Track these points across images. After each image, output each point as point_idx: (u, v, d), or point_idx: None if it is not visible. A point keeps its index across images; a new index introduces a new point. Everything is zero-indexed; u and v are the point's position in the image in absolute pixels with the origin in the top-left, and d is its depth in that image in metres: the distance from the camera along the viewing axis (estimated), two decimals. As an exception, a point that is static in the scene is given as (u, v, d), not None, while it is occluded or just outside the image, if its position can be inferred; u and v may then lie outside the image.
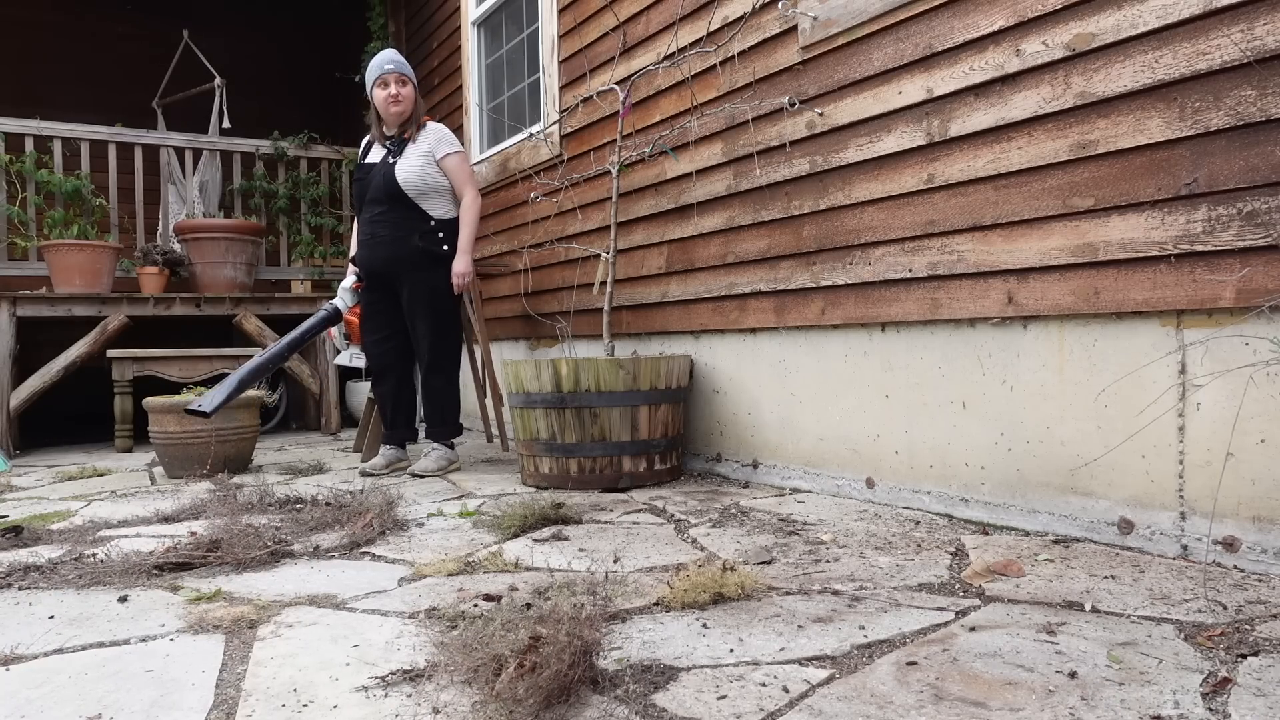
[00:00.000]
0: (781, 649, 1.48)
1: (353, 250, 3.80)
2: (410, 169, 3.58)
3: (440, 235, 3.61)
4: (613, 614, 1.67)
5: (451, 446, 3.74)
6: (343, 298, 3.77)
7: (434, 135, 3.65)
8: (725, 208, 3.32)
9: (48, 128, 5.40)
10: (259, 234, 5.72)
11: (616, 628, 1.60)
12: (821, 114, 2.88)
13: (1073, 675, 1.33)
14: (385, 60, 3.64)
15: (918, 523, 2.44)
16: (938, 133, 2.50)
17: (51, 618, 1.77)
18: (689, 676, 1.37)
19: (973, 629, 1.55)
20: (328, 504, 2.76)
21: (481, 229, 5.36)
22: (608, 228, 3.75)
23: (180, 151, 6.03)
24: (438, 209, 3.63)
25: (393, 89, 3.59)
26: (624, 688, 1.32)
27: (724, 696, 1.29)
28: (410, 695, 1.32)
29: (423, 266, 3.60)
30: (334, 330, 3.90)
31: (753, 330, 3.24)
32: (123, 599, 1.88)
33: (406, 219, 3.59)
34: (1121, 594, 1.72)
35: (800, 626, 1.59)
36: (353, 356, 3.92)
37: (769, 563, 2.05)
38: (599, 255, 3.70)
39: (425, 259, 3.59)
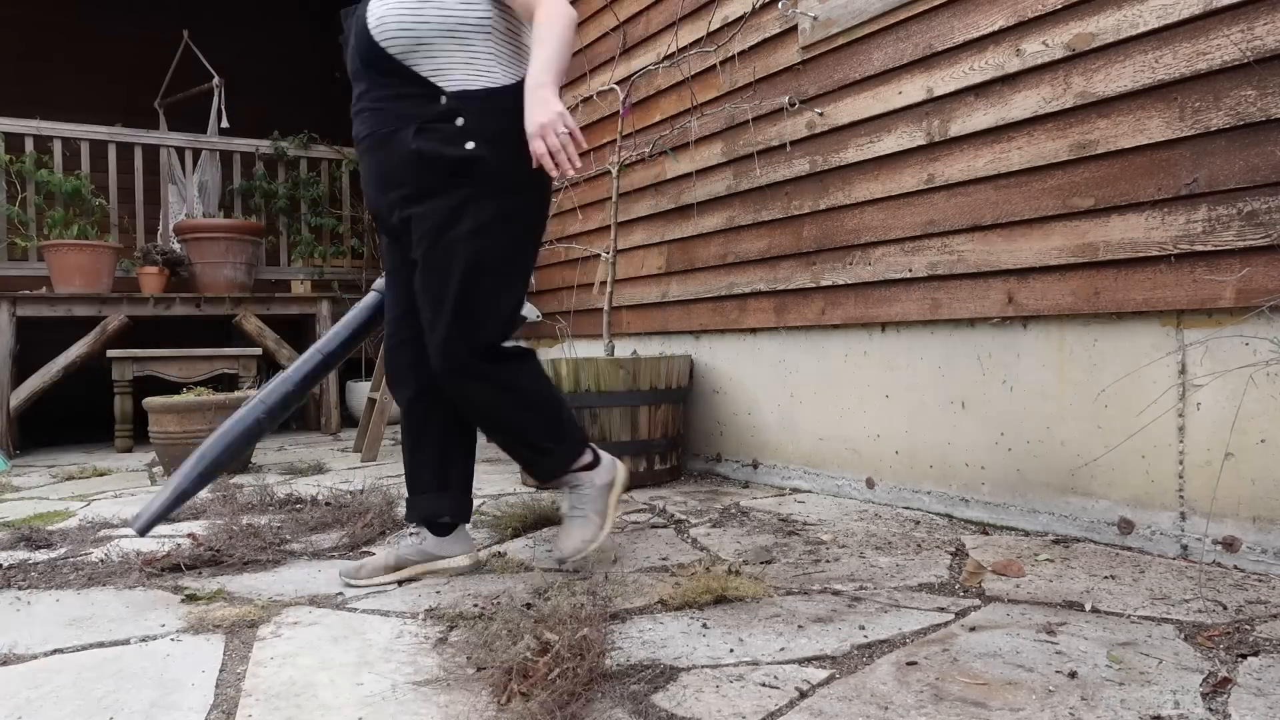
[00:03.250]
0: (781, 649, 1.48)
1: None
2: None
3: (462, 123, 1.83)
4: (613, 614, 1.67)
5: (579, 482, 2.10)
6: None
7: None
8: (725, 208, 3.32)
9: (48, 128, 5.40)
10: (259, 234, 5.72)
11: (617, 628, 1.60)
12: (821, 114, 2.88)
13: (1073, 675, 1.33)
14: None
15: (918, 523, 2.44)
16: (938, 133, 2.50)
17: (51, 618, 1.77)
18: (689, 677, 1.37)
19: (973, 629, 1.55)
20: (328, 504, 2.76)
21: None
22: (608, 227, 3.75)
23: (180, 151, 6.03)
24: (459, 74, 1.85)
25: None
26: (624, 688, 1.32)
27: (724, 697, 1.29)
28: (410, 695, 1.32)
29: (432, 190, 1.86)
30: None
31: (753, 330, 3.24)
32: (123, 599, 1.88)
33: (398, 99, 1.87)
34: (1121, 594, 1.72)
35: (800, 626, 1.58)
36: None
37: (769, 563, 2.05)
38: (599, 255, 3.70)
39: (433, 171, 1.85)
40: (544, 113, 1.73)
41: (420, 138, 1.83)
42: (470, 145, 1.82)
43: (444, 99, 1.83)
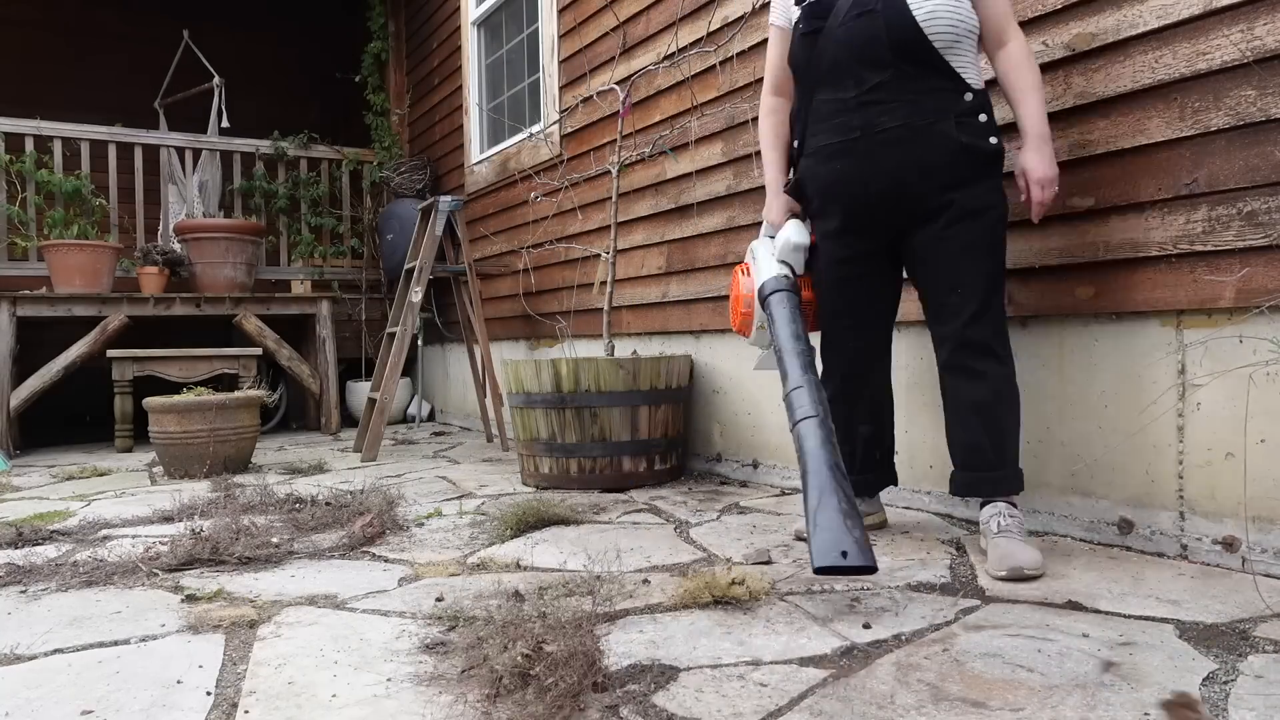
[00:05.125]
0: (782, 649, 1.48)
1: (776, 175, 2.32)
2: None
3: (985, 118, 2.02)
4: (612, 614, 1.67)
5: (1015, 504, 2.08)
6: (790, 256, 2.21)
7: None
8: (726, 207, 3.32)
9: (48, 128, 5.40)
10: (259, 234, 5.72)
11: (616, 628, 1.60)
12: (821, 114, 2.88)
13: (1073, 675, 1.33)
14: None
15: (918, 523, 2.44)
16: (938, 133, 2.50)
17: (51, 618, 1.77)
18: (689, 676, 1.37)
19: (973, 629, 1.55)
20: (328, 504, 2.76)
21: (481, 229, 5.36)
22: (608, 228, 3.75)
23: (180, 151, 6.03)
24: (972, 71, 2.04)
25: None
26: (624, 688, 1.32)
27: (724, 697, 1.29)
28: (410, 695, 1.32)
29: (968, 178, 2.01)
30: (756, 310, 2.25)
31: (753, 330, 3.24)
32: (123, 599, 1.88)
33: (932, 93, 2.00)
34: (1121, 594, 1.72)
35: (800, 627, 1.59)
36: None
37: (769, 563, 2.05)
38: (599, 255, 3.71)
39: (972, 162, 2.01)
40: (1052, 168, 1.99)
41: (961, 131, 1.99)
42: (993, 140, 2.02)
43: (969, 95, 2.00)
